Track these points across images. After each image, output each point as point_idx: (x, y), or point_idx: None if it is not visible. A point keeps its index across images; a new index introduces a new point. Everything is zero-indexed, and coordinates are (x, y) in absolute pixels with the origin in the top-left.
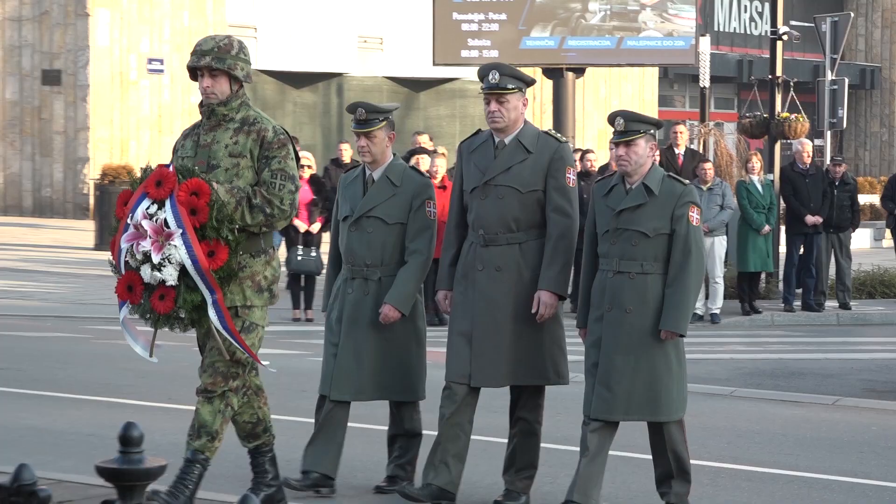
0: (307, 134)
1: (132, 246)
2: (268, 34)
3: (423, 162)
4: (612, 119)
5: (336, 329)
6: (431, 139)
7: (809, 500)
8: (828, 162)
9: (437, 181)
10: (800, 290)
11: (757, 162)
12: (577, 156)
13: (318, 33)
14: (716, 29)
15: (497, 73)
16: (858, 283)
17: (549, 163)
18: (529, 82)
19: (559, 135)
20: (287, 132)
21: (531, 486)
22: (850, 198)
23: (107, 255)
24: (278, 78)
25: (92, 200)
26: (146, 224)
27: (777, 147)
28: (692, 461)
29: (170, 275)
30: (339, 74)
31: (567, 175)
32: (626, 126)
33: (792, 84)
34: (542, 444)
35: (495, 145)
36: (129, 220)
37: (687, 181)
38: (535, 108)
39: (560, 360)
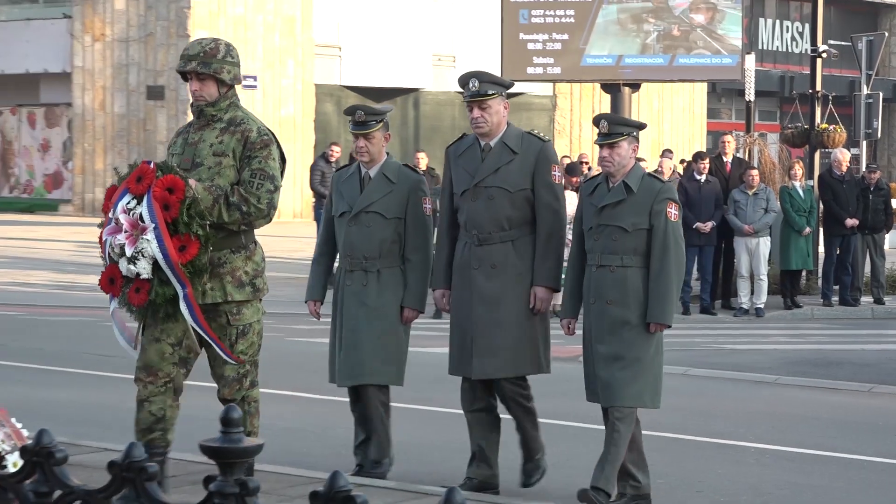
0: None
1: (112, 239)
2: (351, 53)
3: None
4: (596, 122)
5: (338, 320)
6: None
7: (846, 479)
8: (863, 169)
9: None
10: (837, 287)
11: (799, 169)
12: None
13: (397, 52)
14: (760, 47)
15: (477, 81)
16: (892, 280)
17: (535, 162)
18: (508, 86)
19: (542, 134)
20: (272, 133)
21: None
22: (884, 202)
23: None
24: (360, 93)
25: None
26: (123, 218)
27: (817, 155)
28: (740, 443)
29: (143, 268)
30: (416, 90)
31: (553, 172)
32: (610, 129)
33: (830, 98)
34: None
35: (481, 148)
36: (110, 215)
37: (666, 179)
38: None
39: (547, 351)
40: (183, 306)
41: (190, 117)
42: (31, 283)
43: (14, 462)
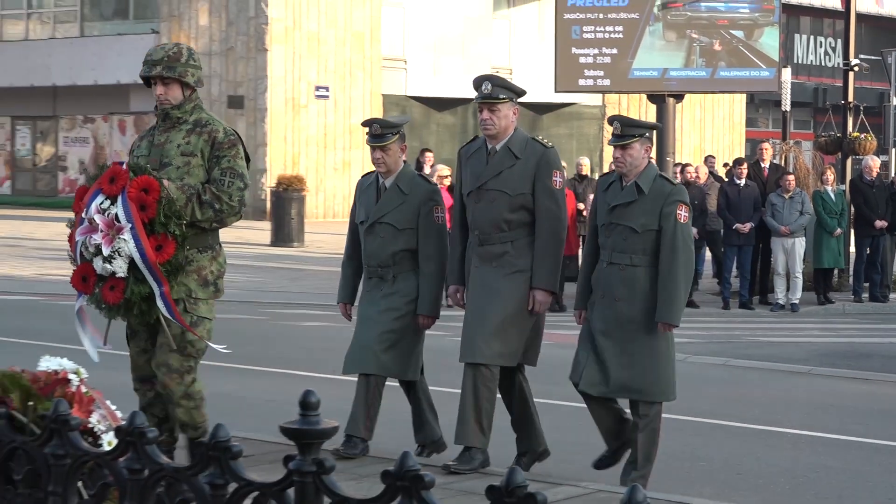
0: (448, 150)
1: (86, 239)
2: (416, 66)
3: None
4: (610, 122)
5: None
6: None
7: (877, 464)
8: (892, 175)
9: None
10: (867, 284)
11: (831, 175)
12: (678, 169)
13: (458, 65)
14: (795, 61)
15: (490, 84)
16: None
17: (536, 167)
18: (520, 92)
19: (546, 141)
20: (237, 133)
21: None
22: None
23: (280, 252)
24: (424, 103)
25: (268, 205)
26: (98, 218)
27: (848, 162)
28: (776, 429)
29: (119, 267)
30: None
31: (553, 178)
32: (623, 130)
33: (861, 108)
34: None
35: (488, 151)
36: (83, 215)
37: (677, 181)
38: None
39: (536, 345)
40: (160, 302)
41: (268, 128)
42: None
43: (109, 441)
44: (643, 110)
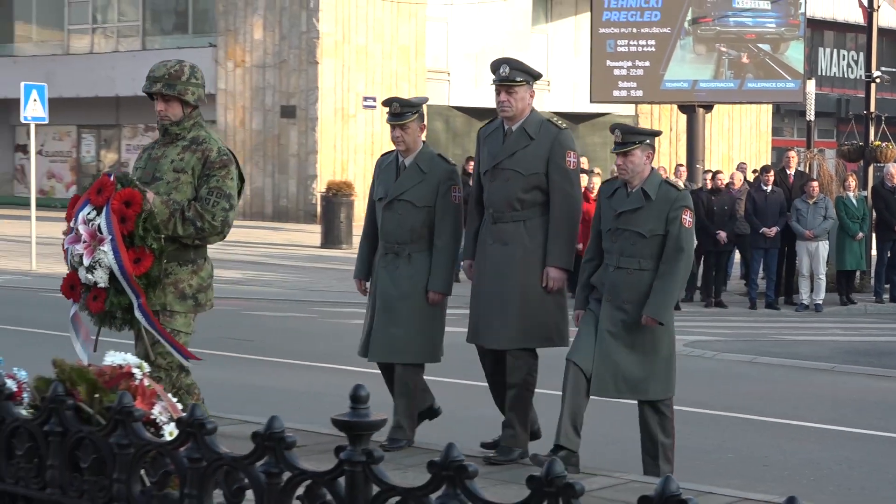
0: None
1: (72, 248)
2: (458, 77)
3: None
4: (611, 130)
5: (372, 299)
6: (588, 161)
7: None
8: None
9: (593, 195)
10: (888, 286)
11: (853, 181)
12: (708, 176)
13: None
14: (820, 73)
15: (507, 67)
16: None
17: (551, 148)
18: (536, 76)
19: (560, 122)
20: (232, 153)
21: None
22: None
23: (330, 253)
24: (466, 112)
25: (319, 209)
26: (82, 229)
27: (870, 169)
28: (801, 423)
29: (100, 277)
30: None
31: (567, 158)
32: (624, 138)
33: (883, 118)
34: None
35: (504, 132)
36: (72, 224)
37: (682, 187)
38: (672, 137)
39: (563, 324)
40: (138, 314)
41: (319, 136)
42: None
43: (170, 432)
44: (674, 120)
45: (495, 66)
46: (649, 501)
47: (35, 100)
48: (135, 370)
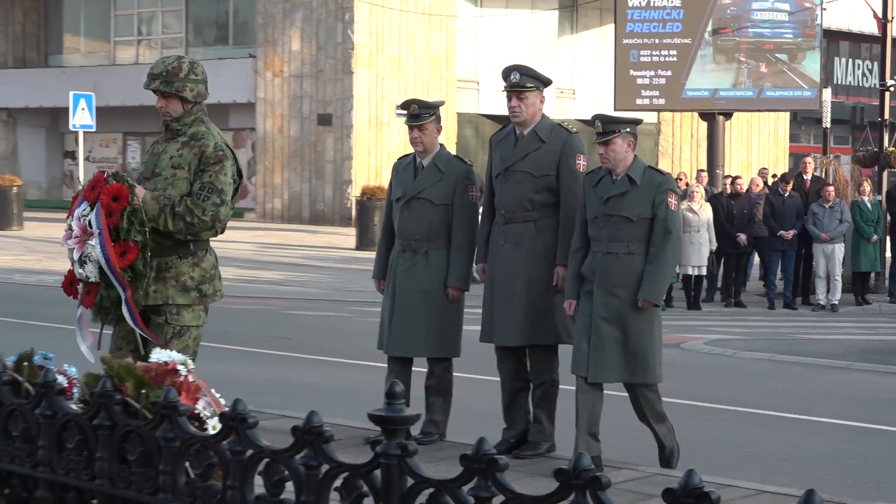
0: None
1: (68, 244)
2: (488, 86)
3: None
4: (592, 121)
5: (390, 295)
6: None
7: None
8: None
9: None
10: None
11: (867, 186)
12: (728, 181)
13: None
14: (835, 82)
15: (518, 74)
16: None
17: (561, 150)
18: (546, 82)
19: (571, 126)
20: (229, 149)
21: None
22: None
23: (364, 255)
24: (496, 120)
25: (354, 212)
26: (75, 225)
27: (885, 174)
28: (817, 418)
29: (91, 272)
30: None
31: (577, 161)
32: (604, 128)
33: None
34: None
35: (516, 136)
36: (69, 221)
37: (666, 172)
38: (693, 144)
39: (571, 321)
40: (124, 308)
41: (354, 143)
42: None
43: (214, 426)
44: (695, 127)
45: (506, 73)
46: (673, 493)
47: (83, 108)
48: (179, 367)
